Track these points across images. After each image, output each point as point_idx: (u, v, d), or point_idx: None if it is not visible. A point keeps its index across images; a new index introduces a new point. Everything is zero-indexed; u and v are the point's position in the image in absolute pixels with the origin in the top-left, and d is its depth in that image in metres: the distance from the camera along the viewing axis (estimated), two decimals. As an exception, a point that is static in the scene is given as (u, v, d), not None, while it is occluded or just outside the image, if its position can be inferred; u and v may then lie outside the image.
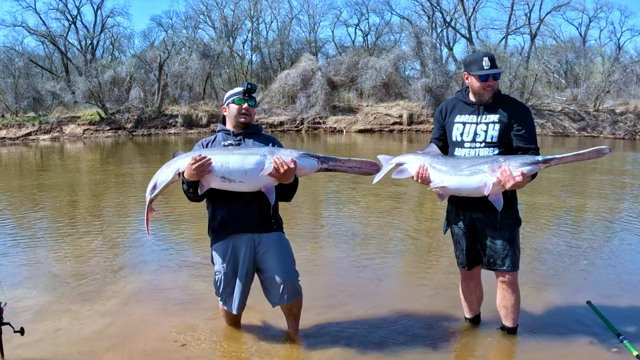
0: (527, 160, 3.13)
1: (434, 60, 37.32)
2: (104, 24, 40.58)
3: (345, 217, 8.27)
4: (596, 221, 7.93)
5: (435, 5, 43.51)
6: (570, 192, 10.37)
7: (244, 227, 3.47)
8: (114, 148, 23.08)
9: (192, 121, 32.89)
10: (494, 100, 3.45)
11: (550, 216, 8.03)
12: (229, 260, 3.50)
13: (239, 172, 3.20)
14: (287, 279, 3.45)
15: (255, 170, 3.19)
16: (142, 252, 6.29)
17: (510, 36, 44.19)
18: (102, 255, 6.10)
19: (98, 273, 5.38)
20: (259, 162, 3.19)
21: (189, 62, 36.10)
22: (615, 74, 32.97)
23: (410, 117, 33.96)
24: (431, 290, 4.82)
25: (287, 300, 3.51)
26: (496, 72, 3.37)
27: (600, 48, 41.97)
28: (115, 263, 5.78)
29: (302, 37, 47.30)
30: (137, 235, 7.06)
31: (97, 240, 6.79)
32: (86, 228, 7.52)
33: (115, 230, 7.34)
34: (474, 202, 3.45)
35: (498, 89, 3.51)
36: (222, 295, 3.60)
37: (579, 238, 6.80)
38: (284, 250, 3.55)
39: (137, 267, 5.63)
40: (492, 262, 3.51)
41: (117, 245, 6.60)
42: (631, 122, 29.49)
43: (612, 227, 7.48)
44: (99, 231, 7.31)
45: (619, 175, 12.82)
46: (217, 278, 3.57)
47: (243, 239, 3.48)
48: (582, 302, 4.30)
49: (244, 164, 3.19)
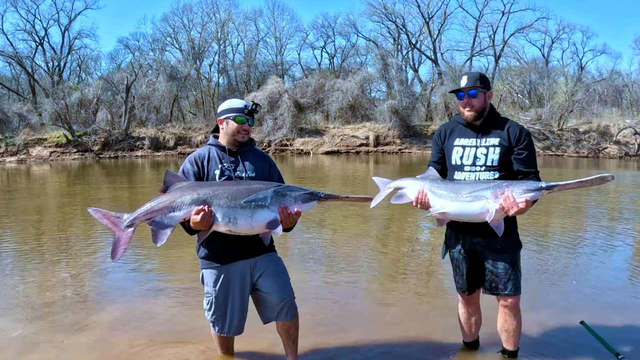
0: (531, 186, 3.12)
1: (399, 81, 37.88)
2: (71, 45, 40.33)
3: (314, 238, 8.24)
4: (578, 240, 8.02)
5: (401, 28, 44.30)
6: (544, 211, 10.51)
7: (240, 255, 3.41)
8: (81, 171, 22.71)
9: (159, 143, 32.67)
10: (494, 123, 3.46)
11: (532, 236, 8.10)
12: (221, 286, 3.42)
13: (246, 227, 3.17)
14: (285, 296, 3.42)
15: (263, 225, 3.17)
16: (115, 278, 6.17)
17: (474, 58, 45.22)
18: (75, 282, 5.96)
19: (74, 301, 5.24)
20: (267, 217, 3.16)
21: (156, 84, 35.96)
22: (578, 93, 33.82)
23: (377, 139, 34.34)
24: (427, 315, 4.80)
25: (286, 316, 3.44)
26: (470, 91, 3.40)
27: (563, 68, 43.10)
28: (90, 290, 5.66)
29: (268, 59, 47.60)
30: (108, 261, 6.90)
31: (68, 267, 6.64)
32: (55, 254, 7.34)
33: (85, 256, 7.18)
34: (474, 226, 3.43)
35: (496, 111, 3.54)
36: (213, 317, 3.50)
37: (563, 257, 6.87)
38: (281, 270, 3.52)
39: (113, 294, 5.52)
40: (494, 286, 3.49)
41: (89, 272, 6.45)
42: (594, 141, 30.22)
43: (596, 246, 7.58)
44: (69, 257, 7.14)
45: (585, 195, 13.03)
46: (208, 300, 3.48)
47: (238, 267, 3.41)
48: (576, 322, 4.33)
49: (252, 222, 3.14)
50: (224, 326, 3.47)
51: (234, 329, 3.49)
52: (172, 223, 3.15)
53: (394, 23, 44.41)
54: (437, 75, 42.42)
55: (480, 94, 3.44)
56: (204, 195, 3.13)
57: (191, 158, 3.43)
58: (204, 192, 3.14)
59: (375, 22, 45.36)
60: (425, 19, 43.70)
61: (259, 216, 3.15)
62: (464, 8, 45.86)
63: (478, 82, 3.43)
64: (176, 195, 3.16)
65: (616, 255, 7.16)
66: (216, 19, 45.09)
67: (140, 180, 19.11)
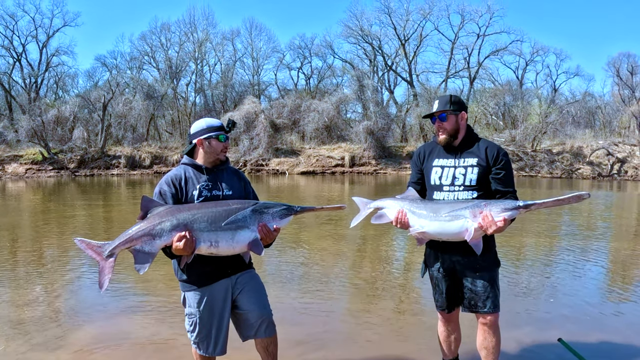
0: (509, 205, 3.17)
1: (375, 103, 38.28)
2: (49, 62, 40.16)
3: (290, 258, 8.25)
4: (553, 258, 8.14)
5: (377, 50, 44.78)
6: (519, 230, 10.63)
7: (221, 275, 3.41)
8: (56, 188, 22.46)
9: (135, 162, 32.48)
10: (472, 144, 3.53)
11: (508, 254, 8.19)
12: (205, 307, 3.40)
13: (228, 249, 3.19)
14: (264, 313, 3.43)
15: (244, 246, 3.20)
16: (90, 295, 6.13)
17: (450, 79, 45.83)
18: (51, 300, 5.91)
19: (48, 319, 5.19)
20: (248, 237, 3.18)
21: (133, 103, 35.85)
22: (551, 115, 34.44)
23: (352, 159, 34.55)
24: (406, 334, 4.83)
25: (265, 333, 3.43)
26: (440, 115, 3.49)
27: (536, 90, 43.89)
28: (67, 308, 5.61)
29: (245, 79, 47.76)
30: (83, 279, 6.89)
31: (44, 284, 6.57)
32: (30, 272, 7.26)
33: (60, 274, 7.11)
34: (453, 245, 3.47)
35: (474, 132, 3.61)
36: (197, 338, 3.47)
37: (539, 275, 6.96)
38: (259, 287, 3.53)
39: (88, 312, 5.47)
40: (473, 304, 3.53)
41: (64, 290, 6.40)
42: (568, 162, 30.69)
43: (571, 264, 7.68)
44: (44, 275, 7.07)
45: (557, 215, 13.23)
46: (192, 321, 3.44)
47: (220, 287, 3.40)
48: (554, 339, 4.38)
49: (234, 243, 3.17)
50: (208, 346, 3.45)
51: (219, 349, 3.47)
52: (153, 251, 3.13)
53: (370, 45, 44.93)
54: (412, 97, 42.88)
55: (451, 116, 3.50)
56: (184, 220, 3.11)
57: (167, 179, 3.37)
58: (183, 217, 3.12)
59: (351, 43, 45.90)
60: (401, 41, 44.26)
61: (240, 237, 3.17)
62: (439, 31, 46.72)
63: (448, 105, 3.50)
64: (155, 221, 3.12)
65: (591, 272, 7.28)
66: (194, 39, 45.22)
67: (116, 198, 18.94)
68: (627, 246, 9.17)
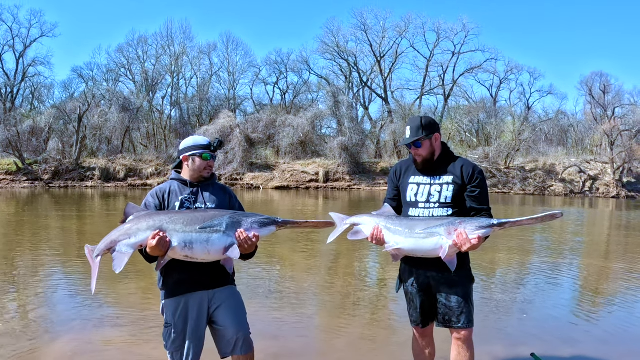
0: (483, 223, 3.23)
1: (350, 119, 38.54)
2: (25, 72, 39.87)
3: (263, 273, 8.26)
4: (525, 275, 8.26)
5: (353, 66, 45.12)
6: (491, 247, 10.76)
7: (199, 286, 3.42)
8: (30, 199, 22.16)
9: (109, 174, 32.23)
10: (448, 162, 3.60)
11: (481, 270, 8.28)
12: (180, 315, 3.42)
13: (203, 253, 3.19)
14: (240, 331, 3.41)
15: (219, 250, 3.19)
16: (64, 308, 6.05)
17: (424, 96, 46.31)
18: (27, 314, 5.84)
19: (22, 332, 5.13)
20: (223, 242, 3.19)
21: (109, 115, 35.64)
22: (525, 132, 34.92)
23: (327, 175, 34.67)
24: (379, 349, 4.86)
25: (241, 350, 3.44)
26: (415, 142, 3.52)
27: (510, 108, 44.48)
28: (43, 322, 5.54)
29: (221, 93, 47.74)
30: (58, 292, 6.83)
31: (18, 298, 6.50)
32: (2, 284, 7.16)
33: (33, 287, 7.03)
34: (428, 261, 3.51)
35: (450, 150, 3.68)
36: (172, 347, 3.48)
37: (512, 291, 7.06)
38: (238, 304, 3.52)
39: (62, 325, 5.42)
40: (447, 319, 3.57)
41: (38, 302, 6.32)
42: (540, 179, 31.15)
43: (542, 280, 7.81)
44: (17, 289, 6.98)
45: (530, 232, 13.41)
46: (167, 331, 3.46)
47: (196, 297, 3.42)
48: (526, 354, 4.46)
49: (208, 246, 3.17)
50: (182, 356, 3.46)
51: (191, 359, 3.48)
52: (129, 250, 3.20)
53: (346, 61, 45.29)
54: (387, 113, 43.23)
55: (425, 142, 3.55)
56: (159, 222, 3.18)
57: (153, 192, 3.48)
58: (159, 219, 3.20)
59: (327, 59, 46.21)
60: (377, 57, 44.66)
61: (215, 241, 3.18)
62: (415, 48, 47.08)
63: (421, 131, 3.53)
64: (133, 223, 3.22)
65: (562, 288, 7.41)
66: (171, 52, 45.12)
67: (90, 210, 18.75)
68: (598, 262, 9.35)
